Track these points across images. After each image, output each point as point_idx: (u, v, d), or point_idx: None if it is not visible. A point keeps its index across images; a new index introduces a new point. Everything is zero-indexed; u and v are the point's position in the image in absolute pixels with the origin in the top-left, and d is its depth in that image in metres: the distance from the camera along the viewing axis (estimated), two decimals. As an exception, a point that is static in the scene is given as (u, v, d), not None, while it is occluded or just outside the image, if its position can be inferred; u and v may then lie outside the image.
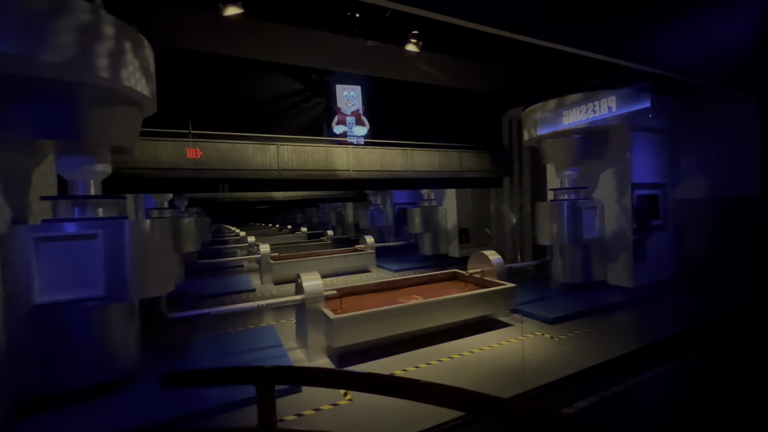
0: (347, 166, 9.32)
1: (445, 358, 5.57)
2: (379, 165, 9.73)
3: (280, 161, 8.62)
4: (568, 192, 9.05)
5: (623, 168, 8.57)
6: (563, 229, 8.57)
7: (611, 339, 6.32)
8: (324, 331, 5.61)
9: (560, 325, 6.84)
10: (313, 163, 8.95)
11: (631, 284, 8.54)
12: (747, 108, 7.76)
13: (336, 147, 9.29)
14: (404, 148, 10.10)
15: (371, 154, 9.67)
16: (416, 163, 10.26)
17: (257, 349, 5.90)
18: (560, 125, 8.53)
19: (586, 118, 8.15)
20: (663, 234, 9.05)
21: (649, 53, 6.98)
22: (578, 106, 8.26)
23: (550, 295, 8.46)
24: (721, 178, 8.40)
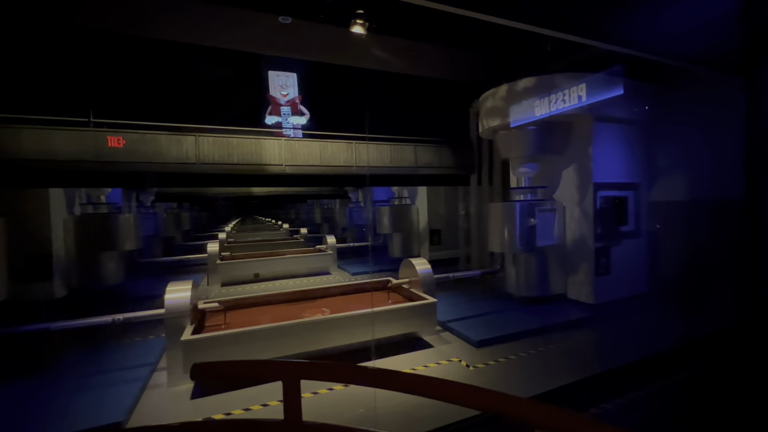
0: (280, 160, 8.46)
1: (323, 390, 4.66)
2: (318, 159, 8.83)
3: (199, 154, 7.83)
4: (524, 192, 7.94)
5: (585, 165, 7.39)
6: (515, 235, 7.49)
7: (544, 369, 5.28)
8: (182, 352, 4.78)
9: (487, 349, 5.82)
10: (239, 157, 8.13)
11: (591, 300, 7.39)
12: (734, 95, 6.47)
13: (267, 139, 8.42)
14: (348, 141, 9.16)
15: (309, 148, 8.77)
16: (363, 158, 9.30)
17: (116, 370, 5.13)
18: (510, 115, 7.41)
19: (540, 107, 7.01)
20: (634, 242, 7.83)
21: (623, 32, 5.84)
22: (532, 92, 7.13)
23: (494, 311, 7.41)
24: (704, 178, 7.12)
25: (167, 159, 7.57)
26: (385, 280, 7.46)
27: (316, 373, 2.03)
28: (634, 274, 7.83)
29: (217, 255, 11.23)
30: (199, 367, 1.96)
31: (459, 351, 5.80)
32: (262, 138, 8.38)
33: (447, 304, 7.97)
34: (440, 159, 10.25)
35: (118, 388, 4.62)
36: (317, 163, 8.81)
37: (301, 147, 8.71)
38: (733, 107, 6.43)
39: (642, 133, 7.85)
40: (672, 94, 7.52)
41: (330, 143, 9.00)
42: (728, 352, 5.91)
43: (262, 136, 8.43)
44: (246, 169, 8.19)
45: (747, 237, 6.25)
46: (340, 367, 2.07)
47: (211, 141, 7.91)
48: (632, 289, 7.79)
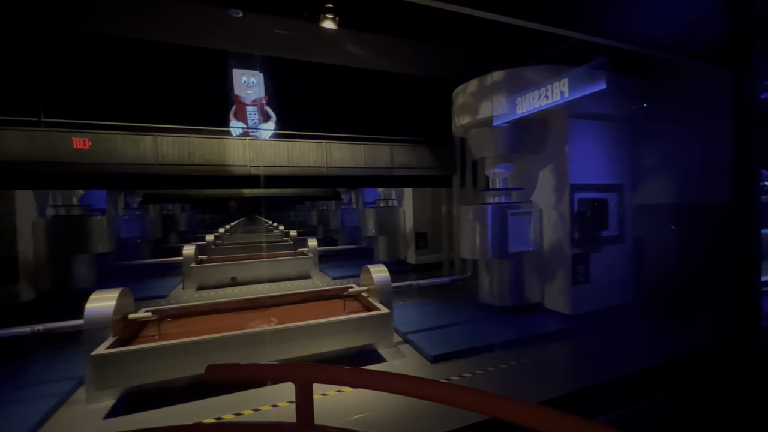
0: (244, 160, 8.13)
1: (266, 407, 4.30)
2: (286, 160, 8.47)
3: (159, 154, 7.55)
4: (497, 194, 7.44)
5: (561, 165, 6.86)
6: (487, 240, 6.99)
7: (500, 389, 4.79)
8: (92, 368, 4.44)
9: (444, 365, 5.36)
10: (201, 157, 7.83)
11: (567, 310, 6.84)
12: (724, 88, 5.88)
13: (230, 139, 8.11)
14: (319, 141, 8.78)
15: (276, 148, 8.42)
16: (334, 158, 8.91)
17: (39, 384, 4.83)
18: (480, 112, 6.93)
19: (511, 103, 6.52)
20: (618, 248, 7.24)
21: (604, 22, 5.33)
22: (502, 87, 6.64)
23: (462, 321, 6.92)
24: (693, 179, 6.52)
25: (123, 160, 7.31)
26: (343, 287, 7.04)
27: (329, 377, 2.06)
28: (617, 282, 7.25)
29: (193, 258, 10.98)
30: (213, 369, 2.02)
31: (412, 366, 5.35)
32: (226, 138, 8.07)
33: (415, 313, 7.53)
34: (418, 159, 9.80)
35: (31, 404, 4.32)
36: (285, 164, 8.47)
37: (268, 147, 8.37)
38: (722, 101, 5.83)
39: (626, 130, 7.26)
40: (658, 89, 6.93)
41: (299, 143, 8.64)
42: (715, 375, 5.32)
43: (226, 136, 8.11)
44: (208, 170, 7.89)
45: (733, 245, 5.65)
46: (353, 372, 2.09)
47: (171, 141, 7.63)
48: (615, 299, 7.21)
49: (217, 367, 2.02)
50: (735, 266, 5.61)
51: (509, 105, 6.53)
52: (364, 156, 9.19)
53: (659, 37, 5.49)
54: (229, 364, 2.12)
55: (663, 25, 5.47)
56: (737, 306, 5.65)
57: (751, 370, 5.35)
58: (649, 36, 5.45)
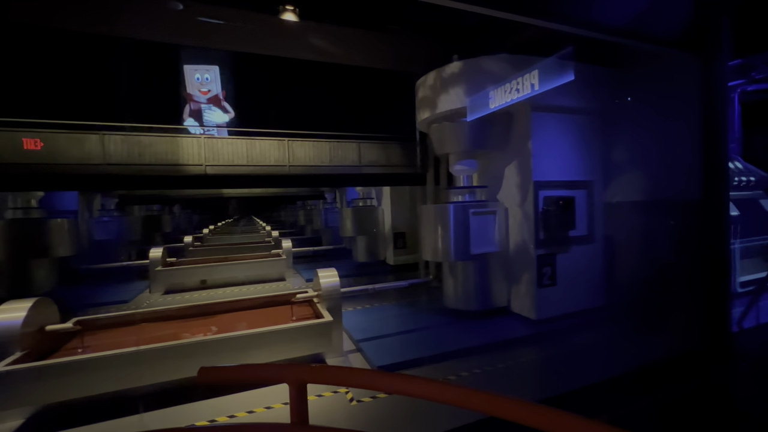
0: (199, 159, 7.77)
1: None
2: (245, 158, 8.11)
3: (106, 154, 7.20)
4: (461, 192, 7.07)
5: (525, 161, 6.47)
6: (448, 241, 6.62)
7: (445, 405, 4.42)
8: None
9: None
10: (152, 156, 7.47)
11: (532, 315, 6.47)
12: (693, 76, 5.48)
13: (184, 137, 7.74)
14: (280, 139, 8.41)
15: (233, 146, 8.06)
16: (298, 157, 8.54)
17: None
18: (438, 106, 6.55)
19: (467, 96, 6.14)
20: (587, 249, 6.86)
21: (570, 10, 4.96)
22: (460, 78, 6.26)
23: (422, 327, 6.57)
24: (665, 175, 6.13)
25: (67, 160, 6.96)
26: (302, 291, 6.68)
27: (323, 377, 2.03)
28: (587, 285, 6.87)
29: (159, 261, 10.63)
30: (205, 371, 2.03)
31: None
32: (179, 136, 7.70)
33: (377, 318, 7.19)
34: (388, 157, 9.42)
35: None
36: (244, 163, 8.10)
37: (225, 145, 8.00)
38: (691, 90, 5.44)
39: (596, 123, 6.87)
40: (629, 79, 6.53)
41: (259, 141, 8.27)
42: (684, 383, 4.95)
43: (179, 134, 7.75)
44: (160, 170, 7.53)
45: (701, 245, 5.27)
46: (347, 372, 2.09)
47: (119, 140, 7.27)
48: (585, 303, 6.83)
49: (209, 369, 2.04)
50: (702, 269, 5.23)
51: (468, 97, 6.14)
52: (329, 154, 8.82)
53: (626, 24, 5.11)
54: (224, 366, 2.13)
55: (629, 12, 5.09)
56: (706, 310, 5.28)
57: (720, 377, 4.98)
58: (615, 23, 5.07)
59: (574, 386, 4.66)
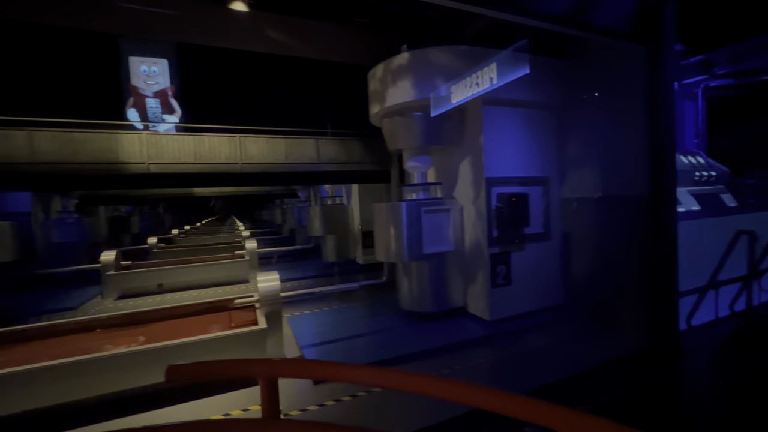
0: (141, 157, 7.31)
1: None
2: (192, 156, 7.68)
3: (35, 152, 6.69)
4: (415, 189, 6.82)
5: (477, 157, 6.25)
6: (401, 241, 6.36)
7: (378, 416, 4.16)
8: None
9: (325, 387, 4.71)
10: (88, 154, 6.98)
11: (486, 316, 6.27)
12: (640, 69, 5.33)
13: (124, 134, 7.27)
14: (232, 135, 8.01)
15: (179, 143, 7.62)
16: (251, 154, 8.15)
17: None
18: (387, 100, 6.28)
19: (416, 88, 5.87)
20: (544, 246, 6.70)
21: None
22: (407, 70, 5.99)
23: (374, 331, 6.31)
24: (618, 168, 5.97)
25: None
26: (246, 296, 6.33)
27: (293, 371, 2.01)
28: (544, 283, 6.71)
29: (112, 265, 10.09)
30: (174, 369, 1.99)
31: (290, 389, 4.68)
32: (119, 132, 7.23)
33: (328, 321, 6.89)
34: (349, 153, 9.11)
35: None
36: (191, 161, 7.67)
37: (170, 142, 7.56)
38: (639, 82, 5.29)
39: (551, 118, 6.70)
40: (583, 73, 6.36)
41: (208, 137, 7.85)
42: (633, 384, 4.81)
43: (119, 130, 7.28)
44: (97, 169, 7.05)
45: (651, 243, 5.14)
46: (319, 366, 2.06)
47: (50, 136, 6.76)
48: (542, 302, 6.68)
49: (177, 367, 2.00)
50: (650, 267, 5.10)
51: (416, 90, 5.88)
52: (285, 150, 8.45)
53: (572, 13, 4.90)
54: (192, 363, 2.09)
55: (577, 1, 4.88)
56: (654, 309, 5.16)
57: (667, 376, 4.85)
58: (562, 12, 4.86)
59: (523, 390, 4.46)
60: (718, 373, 4.92)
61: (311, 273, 11.66)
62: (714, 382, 4.71)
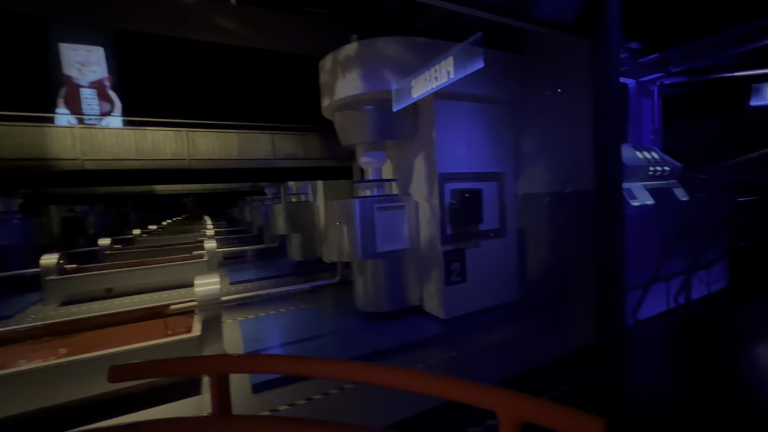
0: (74, 153, 6.76)
1: None
2: (134, 151, 7.17)
3: (-53, 147, 6.04)
4: (369, 186, 6.61)
5: (430, 152, 6.10)
6: (354, 239, 6.13)
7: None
8: None
9: (266, 395, 4.45)
10: (11, 150, 6.37)
11: (441, 314, 6.16)
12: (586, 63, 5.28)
13: (54, 128, 6.69)
14: (178, 129, 7.53)
15: (119, 137, 7.09)
16: (200, 149, 7.70)
17: None
18: (336, 92, 6.02)
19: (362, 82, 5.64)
20: (500, 242, 6.64)
21: None
22: (355, 61, 5.75)
23: (325, 333, 6.09)
24: (569, 163, 5.94)
25: None
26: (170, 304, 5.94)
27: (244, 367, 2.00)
28: (500, 279, 6.66)
29: (53, 269, 9.40)
30: (117, 370, 1.93)
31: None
32: (48, 126, 6.64)
33: (278, 325, 6.62)
34: (307, 149, 8.78)
35: None
36: (132, 156, 7.16)
37: (108, 137, 7.02)
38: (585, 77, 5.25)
39: (506, 113, 6.62)
40: (536, 67, 6.30)
41: (151, 131, 7.35)
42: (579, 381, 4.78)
43: (48, 123, 6.69)
44: (21, 165, 6.45)
45: (598, 238, 5.13)
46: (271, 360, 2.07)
47: (-35, 130, 6.12)
48: (498, 298, 6.63)
49: (121, 367, 1.92)
50: (597, 261, 5.10)
51: (364, 82, 5.65)
52: (238, 146, 8.04)
53: (520, 5, 4.78)
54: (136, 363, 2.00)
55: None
56: (602, 303, 5.16)
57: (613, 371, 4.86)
58: (509, 3, 4.72)
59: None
60: (661, 365, 4.98)
61: (274, 273, 11.28)
62: (656, 374, 4.76)
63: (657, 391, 4.43)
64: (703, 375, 4.61)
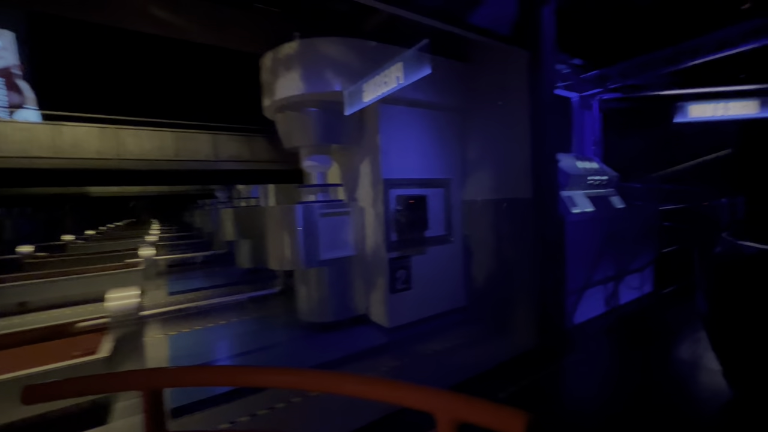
0: (-28, 149, 5.90)
1: None
2: (49, 149, 6.40)
3: None
4: (313, 191, 6.35)
5: (375, 157, 5.97)
6: (296, 246, 5.83)
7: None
8: None
9: (188, 420, 4.06)
10: None
11: (386, 323, 6.00)
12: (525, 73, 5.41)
13: (-54, 118, 5.81)
14: (104, 126, 6.84)
15: (29, 133, 6.30)
16: (129, 149, 7.04)
17: None
18: (276, 92, 5.74)
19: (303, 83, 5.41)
20: (446, 248, 6.63)
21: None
22: (295, 61, 5.51)
23: (262, 347, 5.73)
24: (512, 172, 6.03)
25: None
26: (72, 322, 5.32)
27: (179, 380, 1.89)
28: (447, 286, 6.64)
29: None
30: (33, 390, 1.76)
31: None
32: (-62, 117, 5.74)
33: (216, 338, 6.16)
34: (253, 151, 8.34)
35: None
36: (46, 154, 6.38)
37: (16, 131, 6.21)
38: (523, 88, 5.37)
39: (452, 120, 6.65)
40: (481, 76, 6.38)
41: (70, 127, 6.60)
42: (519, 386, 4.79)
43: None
44: None
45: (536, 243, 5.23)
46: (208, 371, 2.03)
47: None
48: (446, 305, 6.59)
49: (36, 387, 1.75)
50: (534, 267, 5.19)
51: (305, 82, 5.42)
52: (175, 146, 7.46)
53: (461, 13, 4.76)
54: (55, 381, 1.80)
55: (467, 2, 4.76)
56: (540, 308, 5.25)
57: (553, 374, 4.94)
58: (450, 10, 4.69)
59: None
60: (597, 365, 5.15)
61: (220, 281, 10.63)
62: (593, 374, 4.92)
63: (592, 389, 4.58)
64: (635, 371, 4.83)
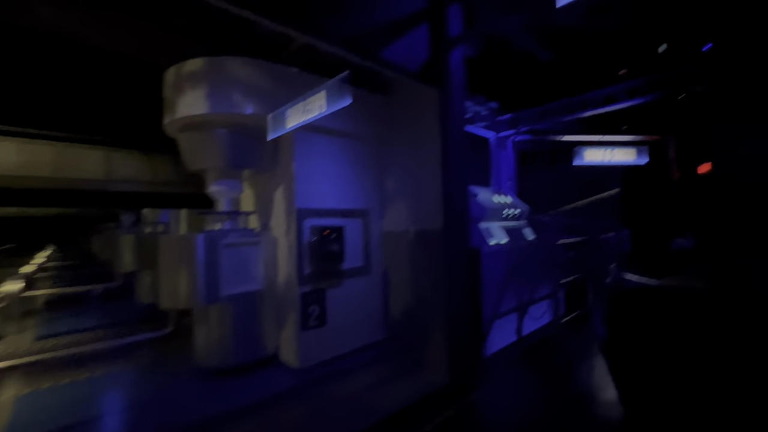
0: None
1: None
2: None
3: None
4: (219, 218, 5.79)
5: (289, 185, 5.66)
6: (194, 280, 5.13)
7: None
8: None
9: None
10: None
11: (296, 363, 5.50)
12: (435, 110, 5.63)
13: None
14: (-49, 134, 5.59)
15: None
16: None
17: None
18: (177, 110, 5.25)
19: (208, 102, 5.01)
20: (364, 281, 6.42)
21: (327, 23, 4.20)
22: (201, 78, 5.11)
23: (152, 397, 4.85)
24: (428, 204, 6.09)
25: None
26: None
27: None
28: (365, 319, 6.37)
29: None
30: None
31: None
32: None
33: (81, 396, 5.07)
34: (155, 172, 7.48)
35: None
36: None
37: None
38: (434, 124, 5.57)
39: (371, 150, 6.66)
40: (399, 109, 6.52)
41: None
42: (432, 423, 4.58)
43: None
44: None
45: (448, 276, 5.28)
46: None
47: None
48: (363, 339, 6.30)
49: None
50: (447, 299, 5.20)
51: (209, 101, 5.01)
52: (53, 161, 6.36)
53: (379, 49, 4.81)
54: None
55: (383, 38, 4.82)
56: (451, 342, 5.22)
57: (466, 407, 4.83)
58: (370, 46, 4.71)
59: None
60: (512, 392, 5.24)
61: (108, 321, 9.08)
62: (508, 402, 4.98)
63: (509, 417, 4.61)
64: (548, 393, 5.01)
